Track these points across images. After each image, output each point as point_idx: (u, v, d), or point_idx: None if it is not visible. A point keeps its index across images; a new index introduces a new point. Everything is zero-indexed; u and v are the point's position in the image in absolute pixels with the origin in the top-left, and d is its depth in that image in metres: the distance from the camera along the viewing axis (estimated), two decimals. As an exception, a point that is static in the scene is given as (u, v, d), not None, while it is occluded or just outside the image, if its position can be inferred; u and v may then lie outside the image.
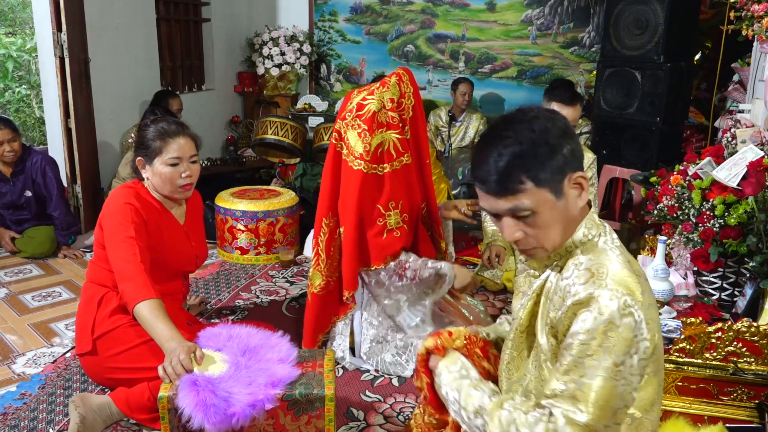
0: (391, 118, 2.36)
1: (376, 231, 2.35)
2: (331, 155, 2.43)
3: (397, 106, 2.37)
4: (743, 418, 1.90)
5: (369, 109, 2.34)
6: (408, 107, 2.40)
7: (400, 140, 2.38)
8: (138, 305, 1.94)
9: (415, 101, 2.42)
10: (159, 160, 2.22)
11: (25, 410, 2.16)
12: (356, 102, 2.38)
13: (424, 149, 2.48)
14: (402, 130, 2.38)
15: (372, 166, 2.34)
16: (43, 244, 3.61)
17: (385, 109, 2.35)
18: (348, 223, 2.36)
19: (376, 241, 2.34)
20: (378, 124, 2.34)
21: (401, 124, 2.38)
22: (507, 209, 1.21)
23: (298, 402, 1.78)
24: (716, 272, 2.34)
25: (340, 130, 2.40)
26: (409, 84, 2.41)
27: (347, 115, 2.38)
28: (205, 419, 1.63)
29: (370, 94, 2.37)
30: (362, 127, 2.33)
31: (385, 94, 2.36)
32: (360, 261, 2.38)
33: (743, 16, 2.92)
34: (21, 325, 2.82)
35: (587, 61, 5.26)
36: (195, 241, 2.44)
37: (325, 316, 2.49)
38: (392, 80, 2.38)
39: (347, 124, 2.37)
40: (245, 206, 3.61)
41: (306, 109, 5.69)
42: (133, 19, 4.51)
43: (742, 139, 2.69)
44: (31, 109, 6.25)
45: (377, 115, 2.34)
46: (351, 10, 5.85)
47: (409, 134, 2.41)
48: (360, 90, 2.44)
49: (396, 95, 2.37)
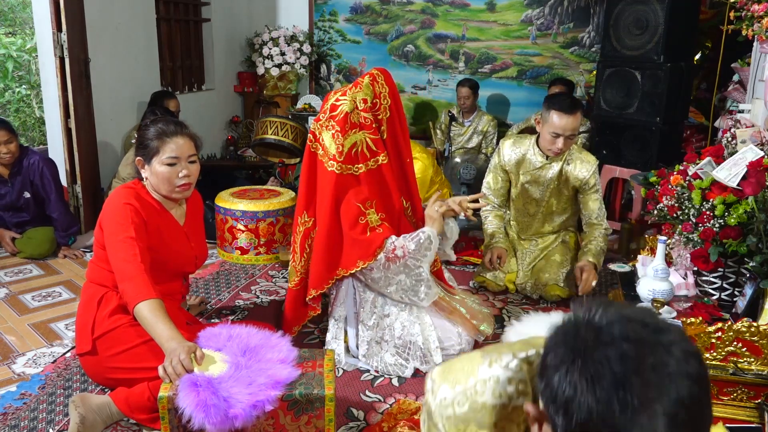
0: (363, 119, 2.38)
1: (360, 229, 2.36)
2: (307, 156, 2.47)
3: (372, 106, 2.39)
4: (743, 418, 1.90)
5: (342, 110, 2.37)
6: (384, 107, 2.41)
7: (375, 140, 2.40)
8: (138, 305, 1.94)
9: (392, 101, 2.43)
10: (156, 160, 2.22)
11: (25, 410, 2.16)
12: (330, 103, 2.42)
13: (404, 149, 2.49)
14: (377, 130, 2.40)
15: (347, 167, 2.37)
16: (43, 245, 3.61)
17: (357, 109, 2.37)
18: (322, 223, 2.41)
19: (362, 238, 2.35)
20: (351, 124, 2.37)
21: (376, 124, 2.40)
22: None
23: (298, 402, 1.78)
24: (716, 272, 2.34)
25: (315, 131, 2.44)
26: (384, 84, 2.42)
27: (322, 116, 2.42)
28: (206, 419, 1.63)
29: (343, 95, 2.40)
30: (335, 128, 2.36)
31: (357, 95, 2.38)
32: (330, 262, 2.40)
33: (743, 16, 2.92)
34: (21, 325, 2.82)
35: (587, 61, 5.26)
36: (195, 241, 2.44)
37: (301, 310, 2.56)
38: (365, 81, 2.41)
39: (322, 125, 2.41)
40: (245, 206, 3.61)
41: (306, 109, 5.69)
42: (133, 19, 4.51)
43: (742, 139, 2.69)
44: (31, 109, 6.25)
45: (350, 116, 2.36)
46: (351, 10, 5.85)
47: (386, 134, 2.43)
48: (336, 91, 2.47)
49: (369, 96, 2.38)
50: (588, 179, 3.04)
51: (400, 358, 2.43)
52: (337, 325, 2.52)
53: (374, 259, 2.33)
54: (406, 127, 2.52)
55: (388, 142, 2.44)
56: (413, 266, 2.34)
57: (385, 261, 2.34)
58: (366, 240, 2.34)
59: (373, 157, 2.41)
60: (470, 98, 5.00)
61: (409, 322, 2.46)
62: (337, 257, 2.40)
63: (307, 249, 2.49)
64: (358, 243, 2.35)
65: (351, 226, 2.36)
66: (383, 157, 2.42)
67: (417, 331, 2.43)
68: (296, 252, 2.53)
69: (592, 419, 0.77)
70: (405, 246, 2.34)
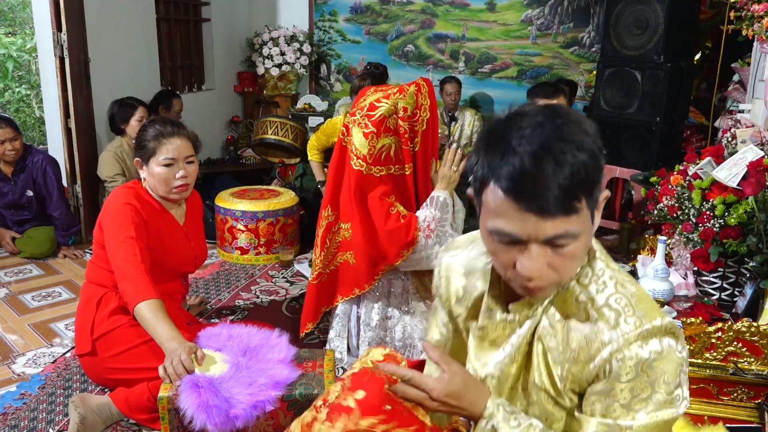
0: (399, 126, 2.32)
1: (393, 219, 2.30)
2: (338, 150, 2.41)
3: (411, 116, 2.33)
4: (743, 418, 1.90)
5: (380, 112, 2.30)
6: (423, 119, 2.35)
7: (405, 150, 2.35)
8: (138, 305, 1.94)
9: (431, 115, 2.37)
10: (153, 161, 2.22)
11: (25, 410, 2.16)
12: (369, 101, 2.34)
13: (429, 164, 2.44)
14: (410, 140, 2.35)
15: (372, 168, 2.33)
16: (43, 244, 3.61)
17: (396, 115, 2.31)
18: (354, 221, 2.36)
19: (397, 226, 2.29)
20: (386, 128, 2.31)
21: (412, 135, 2.34)
22: (553, 235, 0.95)
23: (298, 402, 1.78)
24: (716, 272, 2.34)
25: (348, 125, 2.38)
26: (427, 96, 2.36)
27: (357, 112, 2.35)
28: (208, 420, 1.63)
29: (386, 98, 2.32)
30: (370, 128, 2.30)
31: (400, 101, 2.31)
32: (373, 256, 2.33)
33: (743, 16, 2.91)
34: (21, 325, 2.82)
35: (587, 61, 5.26)
36: (194, 241, 2.44)
37: (315, 305, 2.51)
38: (410, 89, 2.34)
39: (355, 121, 2.35)
40: (245, 206, 3.61)
41: (306, 109, 5.69)
42: (133, 19, 4.50)
43: (742, 139, 2.69)
44: (31, 109, 6.25)
45: (387, 120, 2.30)
46: (351, 10, 5.85)
47: (419, 146, 2.37)
48: (377, 89, 2.39)
49: (411, 105, 2.32)
50: None
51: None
52: (341, 323, 2.52)
53: (416, 243, 2.28)
54: (438, 142, 2.46)
55: (418, 154, 2.39)
56: (441, 233, 2.30)
57: (425, 240, 2.28)
58: (402, 226, 2.28)
59: (399, 165, 2.36)
60: (457, 95, 4.99)
61: (411, 325, 2.46)
62: (379, 252, 2.34)
63: (327, 243, 2.44)
64: (395, 233, 2.28)
65: (384, 220, 2.30)
66: (408, 168, 2.37)
67: (418, 335, 2.43)
68: (317, 245, 2.47)
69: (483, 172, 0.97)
70: (433, 216, 2.29)
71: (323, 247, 2.44)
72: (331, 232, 2.43)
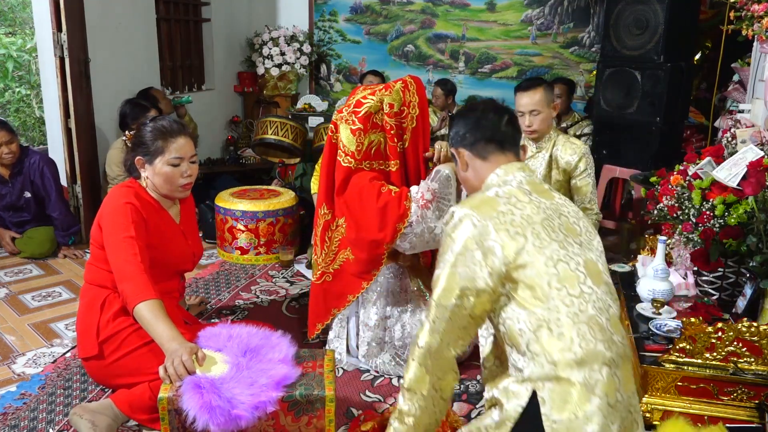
0: (385, 123, 2.34)
1: (385, 194, 2.29)
2: (328, 148, 2.42)
3: (398, 113, 2.34)
4: (743, 418, 1.90)
5: (366, 109, 2.32)
6: (411, 116, 2.36)
7: (391, 147, 2.36)
8: (138, 306, 1.93)
9: (420, 111, 2.38)
10: (161, 160, 2.22)
11: (25, 410, 2.16)
12: (356, 99, 2.37)
13: (421, 161, 2.44)
14: (397, 137, 2.36)
15: (361, 164, 2.34)
16: (43, 245, 3.61)
17: (382, 111, 2.33)
18: (347, 215, 2.36)
19: (389, 198, 2.28)
20: (373, 124, 2.33)
21: (399, 132, 2.36)
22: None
23: (299, 403, 1.78)
24: (716, 272, 2.35)
25: (336, 122, 2.40)
26: (414, 93, 2.37)
27: (345, 109, 2.38)
28: (210, 421, 1.63)
29: (372, 94, 2.35)
30: (357, 125, 2.32)
31: (385, 98, 2.33)
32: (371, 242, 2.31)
33: (743, 16, 2.91)
34: (21, 325, 2.82)
35: (587, 61, 5.26)
36: (191, 239, 2.44)
37: (323, 306, 2.49)
38: (397, 86, 2.36)
39: (342, 118, 2.37)
40: (245, 206, 3.61)
41: (306, 109, 5.69)
42: (133, 19, 4.50)
43: (742, 139, 2.69)
44: (31, 109, 6.25)
45: (373, 116, 2.33)
46: (351, 10, 5.85)
47: (408, 143, 2.38)
48: (366, 87, 2.42)
49: (397, 102, 2.34)
50: (577, 163, 3.02)
51: (400, 359, 2.43)
52: (340, 324, 2.52)
53: (409, 214, 2.25)
54: (429, 139, 2.46)
55: (409, 151, 2.40)
56: (444, 206, 2.28)
57: (420, 210, 2.25)
58: (393, 198, 2.27)
59: (385, 161, 2.38)
60: (443, 98, 4.96)
61: (411, 324, 2.46)
62: (376, 236, 2.31)
63: (327, 242, 2.44)
64: (388, 206, 2.27)
65: (376, 198, 2.29)
66: (394, 165, 2.38)
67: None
68: (317, 245, 2.48)
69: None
70: (430, 187, 2.27)
71: (323, 246, 2.44)
72: (330, 230, 2.43)
